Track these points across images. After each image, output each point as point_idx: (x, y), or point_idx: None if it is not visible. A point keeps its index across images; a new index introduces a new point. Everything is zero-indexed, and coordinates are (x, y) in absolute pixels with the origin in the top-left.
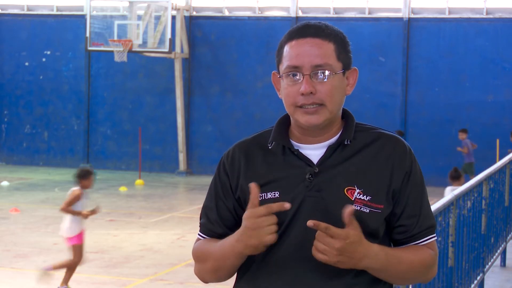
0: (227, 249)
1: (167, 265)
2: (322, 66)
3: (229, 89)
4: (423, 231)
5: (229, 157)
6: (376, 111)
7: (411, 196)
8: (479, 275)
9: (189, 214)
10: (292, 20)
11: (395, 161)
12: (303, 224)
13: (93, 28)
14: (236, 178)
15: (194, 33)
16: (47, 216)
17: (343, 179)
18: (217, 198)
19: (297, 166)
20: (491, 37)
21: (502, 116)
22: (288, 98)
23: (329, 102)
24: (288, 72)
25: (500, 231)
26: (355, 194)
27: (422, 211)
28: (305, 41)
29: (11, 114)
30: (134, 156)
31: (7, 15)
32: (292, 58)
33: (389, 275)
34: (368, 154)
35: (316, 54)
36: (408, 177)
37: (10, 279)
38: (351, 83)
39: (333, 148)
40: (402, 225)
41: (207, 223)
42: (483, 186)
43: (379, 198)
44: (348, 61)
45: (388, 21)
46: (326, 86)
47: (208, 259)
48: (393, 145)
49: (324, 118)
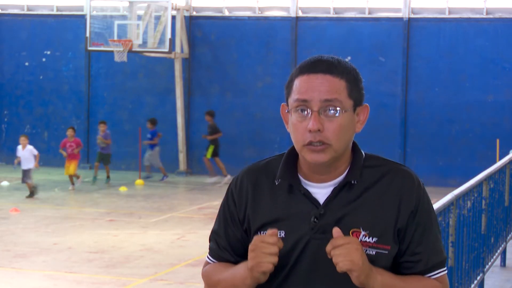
0: (237, 275)
1: (167, 265)
2: (332, 102)
3: (229, 89)
4: (430, 268)
5: (237, 185)
6: (376, 111)
7: (416, 233)
8: (479, 275)
9: (189, 214)
10: (292, 20)
11: (402, 199)
12: (308, 266)
13: (93, 28)
14: (244, 208)
15: (194, 33)
16: (47, 216)
17: (348, 221)
18: (226, 226)
19: (303, 206)
20: (491, 37)
21: (502, 116)
22: (296, 135)
23: (336, 142)
24: (297, 106)
25: (500, 231)
26: (361, 237)
27: (429, 248)
28: (315, 76)
29: (11, 114)
30: (134, 156)
31: (7, 15)
32: (302, 92)
33: None
34: (374, 193)
35: (327, 89)
36: (414, 215)
37: (10, 279)
38: (361, 119)
39: (339, 189)
40: (408, 261)
41: (217, 249)
42: (483, 186)
43: (385, 239)
44: (360, 97)
45: (388, 21)
46: (334, 125)
47: (219, 284)
48: (401, 181)
49: (329, 157)
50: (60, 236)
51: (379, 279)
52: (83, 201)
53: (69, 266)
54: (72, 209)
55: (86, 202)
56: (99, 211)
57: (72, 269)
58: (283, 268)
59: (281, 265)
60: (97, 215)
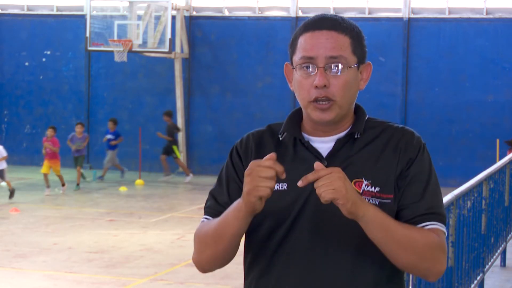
0: (229, 212)
1: (167, 265)
2: (337, 58)
3: (229, 89)
4: (424, 214)
5: (242, 143)
6: (376, 111)
7: (413, 180)
8: (479, 275)
9: (189, 214)
10: (292, 20)
11: (401, 149)
12: (310, 217)
13: (93, 28)
14: (249, 161)
15: (194, 33)
16: (47, 216)
17: (350, 172)
18: (229, 180)
19: (306, 159)
20: (491, 37)
21: (502, 116)
22: (301, 92)
23: (341, 98)
24: (302, 63)
25: (500, 231)
26: (363, 186)
27: (425, 196)
28: (320, 33)
29: (11, 114)
30: (134, 156)
31: (7, 15)
32: (307, 49)
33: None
34: (376, 145)
35: (332, 46)
36: (412, 162)
37: (10, 279)
38: (364, 77)
39: (342, 142)
40: (403, 207)
41: (215, 205)
42: (483, 186)
43: (388, 188)
44: (363, 55)
45: (388, 21)
46: (340, 80)
47: (208, 232)
48: (401, 134)
49: (335, 114)
50: (60, 236)
51: (371, 210)
52: (83, 201)
53: (69, 266)
54: (72, 209)
55: (86, 202)
56: (99, 211)
57: (72, 269)
58: (286, 220)
59: (284, 217)
60: (97, 215)
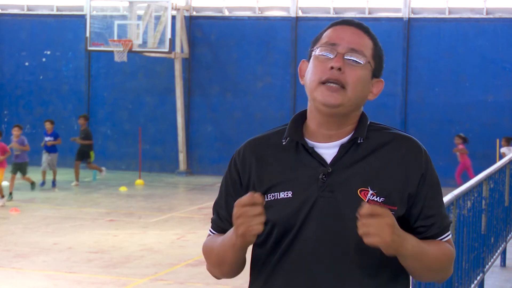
0: (226, 241)
1: (167, 265)
2: (358, 52)
3: (229, 89)
4: (442, 230)
5: (240, 155)
6: (376, 111)
7: (428, 197)
8: (479, 275)
9: (189, 214)
10: (292, 20)
11: (409, 163)
12: (316, 225)
13: (93, 28)
14: (247, 175)
15: (194, 33)
16: (47, 216)
17: (356, 180)
18: (227, 195)
19: (310, 166)
20: (491, 37)
21: (502, 116)
22: (315, 72)
23: (351, 89)
24: (323, 48)
25: (500, 231)
26: (369, 196)
27: (439, 211)
28: (348, 27)
29: (11, 114)
30: (134, 156)
31: (7, 15)
32: (332, 37)
33: (420, 264)
34: (382, 155)
35: (356, 41)
36: (424, 178)
37: (10, 279)
38: (374, 92)
39: (346, 147)
40: (422, 226)
41: (217, 220)
42: (483, 186)
43: (392, 199)
44: (379, 68)
45: (388, 21)
46: (355, 72)
47: (212, 252)
48: (408, 146)
49: (341, 100)
50: (60, 236)
51: (409, 248)
52: (83, 201)
53: (69, 266)
54: (72, 209)
55: (86, 202)
56: (99, 211)
57: (72, 269)
58: (292, 229)
59: (289, 225)
60: (97, 215)
